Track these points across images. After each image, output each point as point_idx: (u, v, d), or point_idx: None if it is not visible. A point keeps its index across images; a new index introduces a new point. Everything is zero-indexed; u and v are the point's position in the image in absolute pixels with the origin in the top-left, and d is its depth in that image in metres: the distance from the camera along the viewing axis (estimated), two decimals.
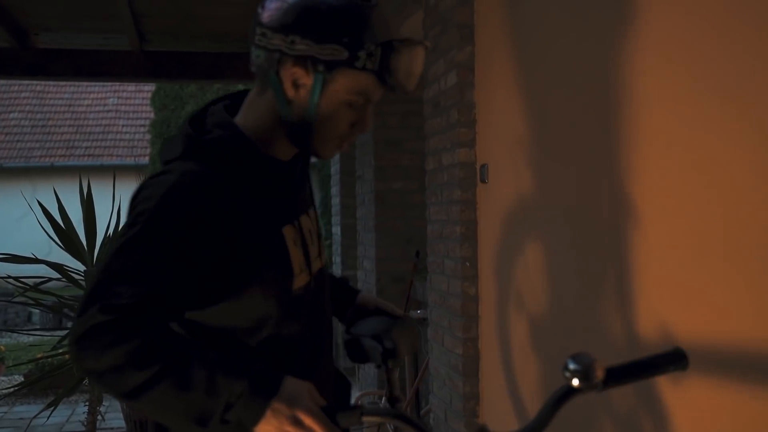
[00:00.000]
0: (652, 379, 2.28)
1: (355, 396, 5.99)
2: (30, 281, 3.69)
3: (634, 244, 2.44)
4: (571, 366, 1.19)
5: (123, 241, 1.33)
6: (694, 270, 2.15)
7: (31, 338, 10.53)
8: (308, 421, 1.27)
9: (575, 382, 1.18)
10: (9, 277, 3.51)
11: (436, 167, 4.10)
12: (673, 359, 1.26)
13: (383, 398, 5.16)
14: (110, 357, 1.25)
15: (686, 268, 2.18)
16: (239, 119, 1.50)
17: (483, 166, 3.66)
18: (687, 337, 2.18)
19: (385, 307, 1.91)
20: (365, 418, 1.30)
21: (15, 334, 11.12)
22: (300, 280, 1.54)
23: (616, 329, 2.55)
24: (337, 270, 7.73)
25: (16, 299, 3.64)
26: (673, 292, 2.25)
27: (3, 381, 7.82)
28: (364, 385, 6.22)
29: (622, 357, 2.45)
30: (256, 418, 1.27)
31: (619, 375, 1.23)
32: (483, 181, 3.67)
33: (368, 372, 6.18)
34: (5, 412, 6.67)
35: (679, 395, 2.22)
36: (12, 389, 6.41)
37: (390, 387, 1.80)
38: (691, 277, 2.16)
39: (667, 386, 2.27)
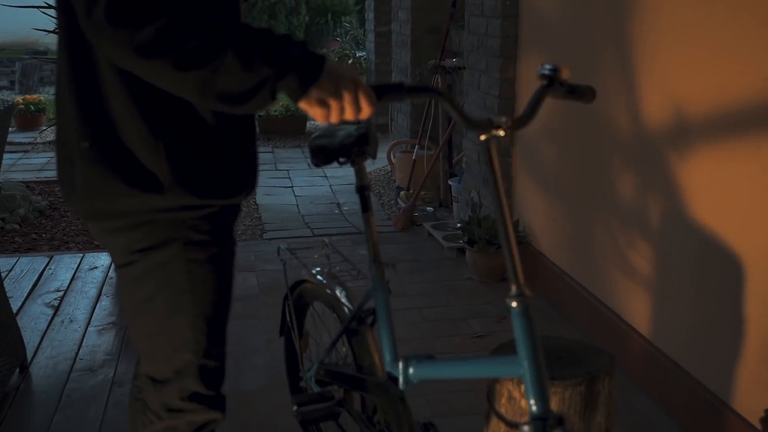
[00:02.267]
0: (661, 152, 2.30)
1: (388, 145, 6.12)
2: None
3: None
4: (547, 66, 1.47)
5: None
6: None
7: None
8: (361, 92, 1.23)
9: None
10: (48, 6, 3.49)
11: None
12: (591, 91, 1.53)
13: (415, 146, 5.27)
14: (158, 22, 1.12)
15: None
16: None
17: None
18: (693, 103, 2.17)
19: None
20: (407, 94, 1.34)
21: (52, 90, 11.29)
22: None
23: (643, 100, 2.52)
24: (369, 26, 7.59)
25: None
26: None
27: (46, 131, 8.07)
28: (396, 136, 6.34)
29: (645, 126, 2.44)
30: (304, 88, 1.20)
31: (573, 87, 1.51)
32: None
33: (401, 124, 6.26)
34: (51, 158, 6.96)
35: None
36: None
37: (360, 177, 1.89)
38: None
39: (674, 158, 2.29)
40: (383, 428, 1.92)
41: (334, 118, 1.24)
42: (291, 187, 5.85)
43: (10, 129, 6.13)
